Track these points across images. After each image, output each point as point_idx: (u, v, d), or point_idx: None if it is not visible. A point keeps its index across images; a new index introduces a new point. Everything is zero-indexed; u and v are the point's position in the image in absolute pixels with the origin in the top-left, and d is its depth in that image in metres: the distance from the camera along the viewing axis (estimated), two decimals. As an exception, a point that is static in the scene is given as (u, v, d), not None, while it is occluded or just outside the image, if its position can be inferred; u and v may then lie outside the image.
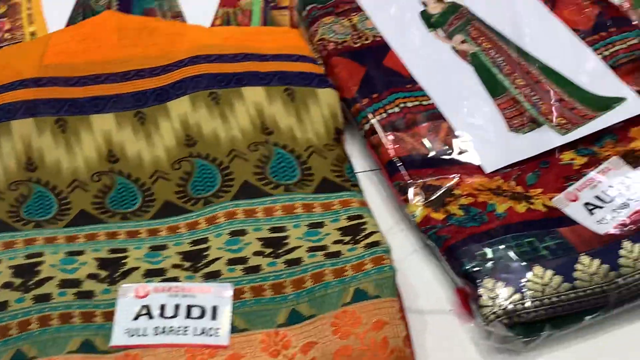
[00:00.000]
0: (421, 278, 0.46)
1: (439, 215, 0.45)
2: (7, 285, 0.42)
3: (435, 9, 0.57)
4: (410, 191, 0.46)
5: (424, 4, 0.58)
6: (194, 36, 0.55)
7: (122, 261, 0.44)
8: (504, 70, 0.53)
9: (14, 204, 0.47)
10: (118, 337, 0.40)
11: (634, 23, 0.57)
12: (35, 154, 0.49)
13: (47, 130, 0.49)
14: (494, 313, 0.39)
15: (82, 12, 0.62)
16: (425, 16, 0.57)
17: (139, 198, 0.48)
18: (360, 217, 0.45)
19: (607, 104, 0.51)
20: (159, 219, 0.47)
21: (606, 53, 0.54)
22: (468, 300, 0.42)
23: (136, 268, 0.44)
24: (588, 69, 0.53)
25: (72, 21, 0.61)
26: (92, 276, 0.43)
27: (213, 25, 0.60)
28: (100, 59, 0.54)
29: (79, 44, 0.55)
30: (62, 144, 0.49)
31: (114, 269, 0.43)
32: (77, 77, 0.53)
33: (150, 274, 0.43)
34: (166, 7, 0.61)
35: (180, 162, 0.49)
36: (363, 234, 0.44)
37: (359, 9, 0.57)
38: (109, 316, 0.40)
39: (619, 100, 0.51)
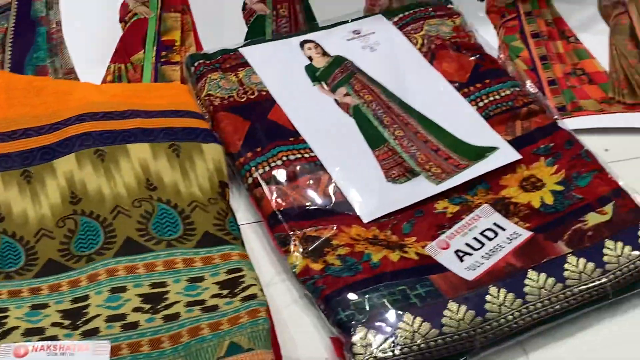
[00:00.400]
0: (300, 328, 0.47)
1: (317, 266, 0.46)
2: None
3: (319, 62, 0.60)
4: (291, 243, 0.48)
5: (310, 58, 0.61)
6: (81, 94, 0.56)
7: (2, 321, 0.44)
8: (384, 122, 0.56)
9: None
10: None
11: (509, 75, 0.60)
12: None
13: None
14: (366, 361, 0.40)
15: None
16: (310, 70, 0.60)
17: (22, 257, 0.48)
18: (239, 270, 0.46)
19: (480, 153, 0.54)
20: (41, 277, 0.47)
21: (481, 104, 0.57)
22: (343, 348, 0.43)
23: (16, 327, 0.43)
24: (463, 120, 0.56)
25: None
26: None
27: (104, 80, 0.61)
28: (-12, 119, 0.55)
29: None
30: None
31: (-7, 330, 0.43)
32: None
33: (30, 333, 0.43)
34: (58, 64, 0.62)
35: (65, 220, 0.49)
36: (241, 287, 0.45)
37: (245, 64, 0.59)
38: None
39: (491, 149, 0.54)
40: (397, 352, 0.41)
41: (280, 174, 0.51)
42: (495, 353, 0.44)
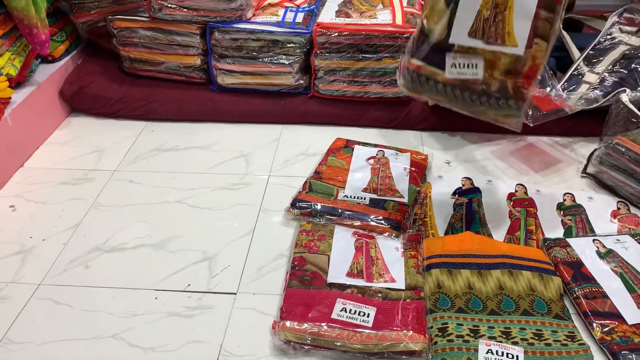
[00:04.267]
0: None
1: None
2: None
3: None
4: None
5: None
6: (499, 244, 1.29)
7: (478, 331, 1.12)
8: None
9: None
10: None
11: None
12: None
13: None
14: None
15: None
16: None
17: (481, 305, 1.18)
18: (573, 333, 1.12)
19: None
20: (490, 316, 1.16)
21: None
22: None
23: (483, 334, 1.11)
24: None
25: None
26: None
27: None
28: None
29: None
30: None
31: None
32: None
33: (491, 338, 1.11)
34: None
35: (497, 296, 1.19)
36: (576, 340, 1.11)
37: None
38: None
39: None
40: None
41: None
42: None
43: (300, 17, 1.83)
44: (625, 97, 1.55)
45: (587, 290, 1.19)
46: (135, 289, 1.23)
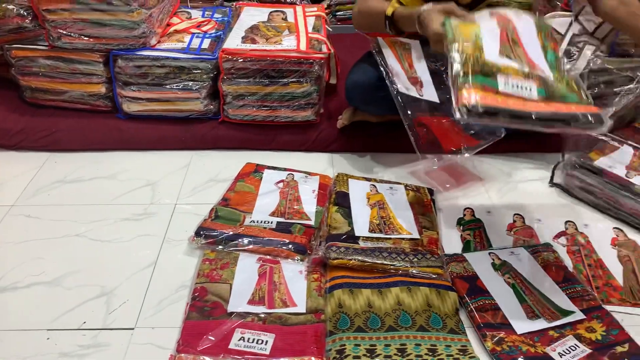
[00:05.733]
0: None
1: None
2: None
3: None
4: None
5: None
6: None
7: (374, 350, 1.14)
8: (526, 293, 1.27)
9: None
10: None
11: (577, 279, 1.32)
12: None
13: None
14: None
15: None
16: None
17: (379, 322, 1.19)
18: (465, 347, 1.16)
19: (566, 312, 1.22)
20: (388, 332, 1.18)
21: (567, 291, 1.28)
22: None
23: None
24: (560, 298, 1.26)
25: None
26: None
27: None
28: None
29: None
30: None
31: None
32: None
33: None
34: None
35: (395, 311, 1.21)
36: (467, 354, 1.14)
37: (464, 259, 1.34)
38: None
39: (571, 312, 1.23)
40: None
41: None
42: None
43: (206, 43, 1.83)
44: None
45: (481, 303, 1.23)
46: (25, 330, 1.17)
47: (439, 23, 1.28)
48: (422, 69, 1.70)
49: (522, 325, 1.19)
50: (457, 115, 1.07)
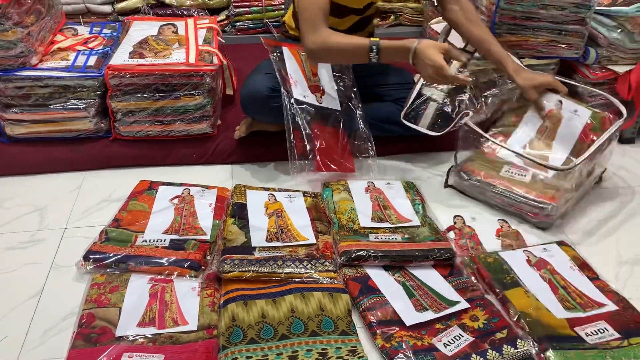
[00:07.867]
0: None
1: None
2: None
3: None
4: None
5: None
6: None
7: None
8: (413, 287, 1.32)
9: None
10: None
11: (464, 273, 1.39)
12: None
13: None
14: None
15: None
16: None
17: (272, 332, 1.19)
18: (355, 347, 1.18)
19: (452, 303, 1.28)
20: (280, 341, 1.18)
21: (453, 283, 1.34)
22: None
23: None
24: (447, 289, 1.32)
25: None
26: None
27: None
28: None
29: None
30: None
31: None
32: None
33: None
34: None
35: (288, 319, 1.22)
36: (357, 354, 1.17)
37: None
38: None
39: (457, 302, 1.29)
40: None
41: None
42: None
43: (92, 60, 1.77)
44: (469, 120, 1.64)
45: (372, 302, 1.27)
46: None
47: (439, 56, 1.43)
48: (326, 78, 1.74)
49: (412, 317, 1.23)
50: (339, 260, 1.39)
